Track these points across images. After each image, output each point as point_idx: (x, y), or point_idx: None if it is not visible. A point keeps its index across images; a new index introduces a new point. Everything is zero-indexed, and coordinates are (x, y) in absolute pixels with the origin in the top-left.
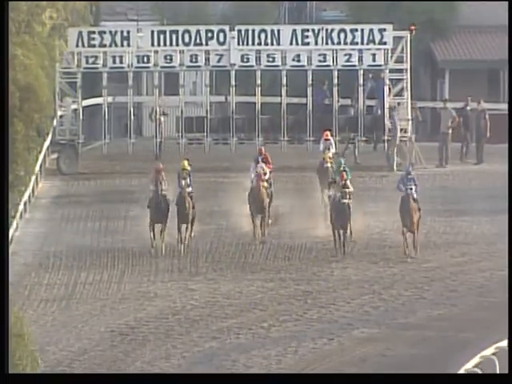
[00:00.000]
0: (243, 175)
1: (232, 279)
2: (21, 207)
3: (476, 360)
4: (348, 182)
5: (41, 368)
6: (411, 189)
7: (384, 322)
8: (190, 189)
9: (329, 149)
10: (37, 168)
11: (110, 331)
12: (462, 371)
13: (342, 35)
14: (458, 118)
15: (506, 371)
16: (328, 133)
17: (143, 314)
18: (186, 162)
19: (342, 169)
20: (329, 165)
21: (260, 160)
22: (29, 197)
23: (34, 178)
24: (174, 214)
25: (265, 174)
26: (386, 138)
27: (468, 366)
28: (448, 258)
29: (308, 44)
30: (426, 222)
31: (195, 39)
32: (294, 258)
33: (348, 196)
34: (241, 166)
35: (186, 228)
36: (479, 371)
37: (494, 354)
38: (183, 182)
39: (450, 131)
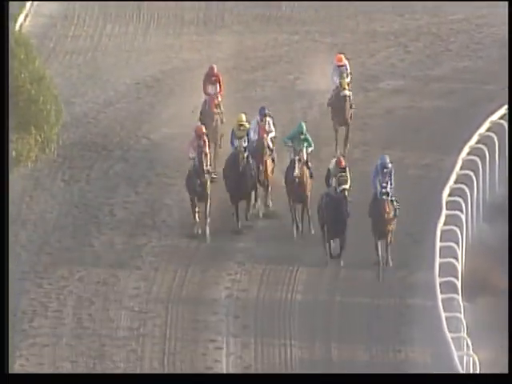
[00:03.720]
0: None
1: (258, 31)
2: None
3: (502, 111)
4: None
5: (66, 119)
6: (387, 194)
7: (410, 74)
8: (247, 152)
9: (346, 76)
10: None
11: (135, 83)
12: (487, 124)
13: None
14: None
15: None
16: (341, 56)
17: (169, 66)
18: (243, 116)
19: (303, 137)
20: (347, 93)
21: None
22: None
23: None
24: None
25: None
26: None
27: (493, 118)
28: (473, 9)
29: None
30: None
31: None
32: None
33: (345, 183)
34: None
35: (247, 204)
36: (505, 123)
37: None
38: (237, 143)
39: None
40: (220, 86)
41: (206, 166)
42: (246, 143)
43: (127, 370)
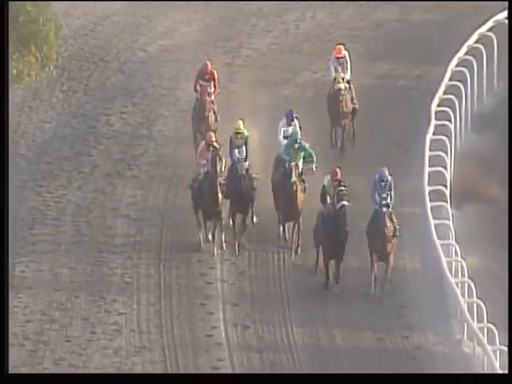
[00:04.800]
0: None
1: None
2: None
3: (490, 24)
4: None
5: (64, 32)
6: (387, 206)
7: None
8: (247, 163)
9: (345, 69)
10: None
11: None
12: (475, 36)
13: None
14: None
15: None
16: (341, 47)
17: None
18: (241, 124)
19: (297, 145)
20: (341, 86)
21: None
22: None
23: None
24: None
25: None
26: None
27: (482, 30)
28: None
29: None
30: None
31: None
32: None
33: (345, 197)
34: None
35: (243, 219)
36: (492, 35)
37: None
38: (237, 152)
39: None
40: (215, 84)
41: (221, 170)
42: (245, 152)
43: (124, 276)
